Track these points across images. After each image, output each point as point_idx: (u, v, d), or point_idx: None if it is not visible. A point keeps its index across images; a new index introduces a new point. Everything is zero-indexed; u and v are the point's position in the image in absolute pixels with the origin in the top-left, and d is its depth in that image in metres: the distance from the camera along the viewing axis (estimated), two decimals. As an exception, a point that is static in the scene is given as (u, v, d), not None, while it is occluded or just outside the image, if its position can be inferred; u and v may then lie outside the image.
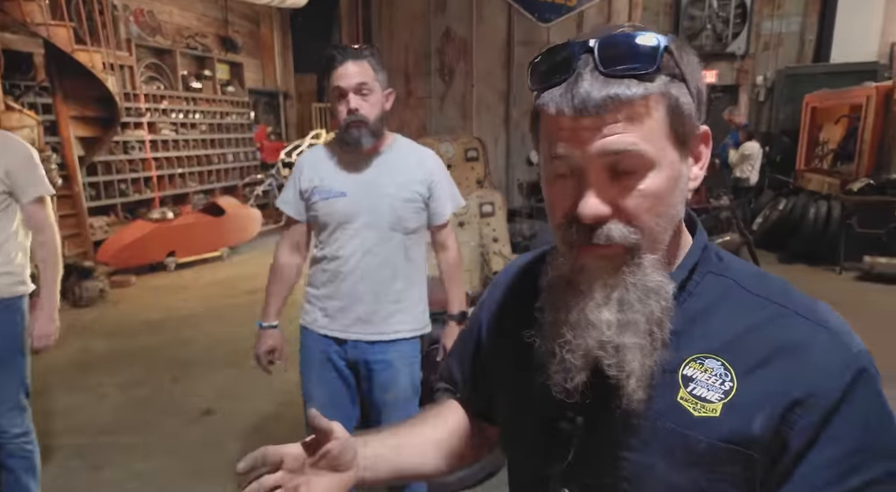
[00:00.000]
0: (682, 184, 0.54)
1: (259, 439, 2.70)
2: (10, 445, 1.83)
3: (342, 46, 1.58)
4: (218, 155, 8.27)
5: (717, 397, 0.53)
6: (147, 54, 7.43)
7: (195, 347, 3.85)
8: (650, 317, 0.53)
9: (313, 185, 1.64)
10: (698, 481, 0.53)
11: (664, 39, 0.50)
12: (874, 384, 0.52)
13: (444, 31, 3.40)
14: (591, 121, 0.50)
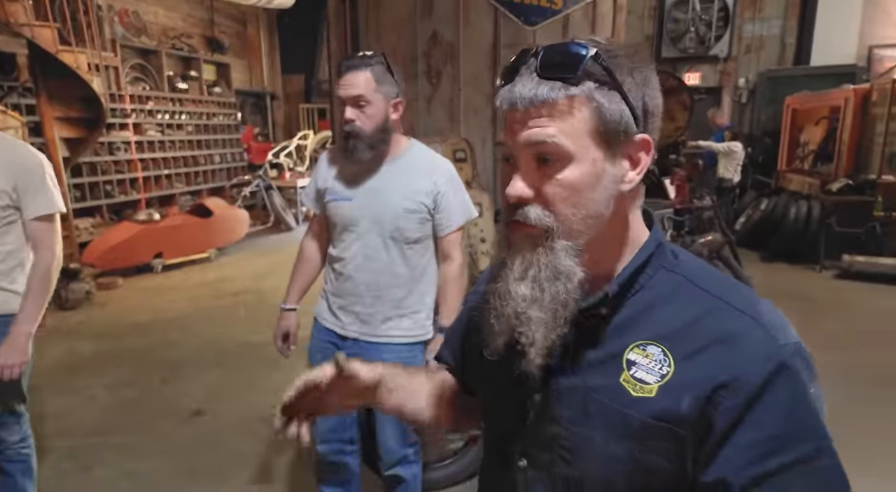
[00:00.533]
0: (605, 182, 0.60)
1: (249, 440, 2.73)
2: (8, 450, 1.85)
3: (351, 55, 1.59)
4: (205, 156, 8.22)
5: (654, 379, 0.59)
6: (132, 55, 7.37)
7: (184, 349, 3.84)
8: (555, 297, 0.59)
9: (327, 185, 1.70)
10: (632, 452, 0.59)
11: (591, 51, 0.57)
12: (797, 376, 0.56)
13: (430, 34, 3.43)
14: (521, 114, 0.58)
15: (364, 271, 1.67)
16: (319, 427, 1.87)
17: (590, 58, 0.57)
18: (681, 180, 4.46)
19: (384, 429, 1.81)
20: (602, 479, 0.62)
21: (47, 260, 1.74)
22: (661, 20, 9.22)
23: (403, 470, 1.85)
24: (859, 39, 8.53)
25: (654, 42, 9.37)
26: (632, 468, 0.60)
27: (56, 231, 1.78)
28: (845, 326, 4.12)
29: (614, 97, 0.58)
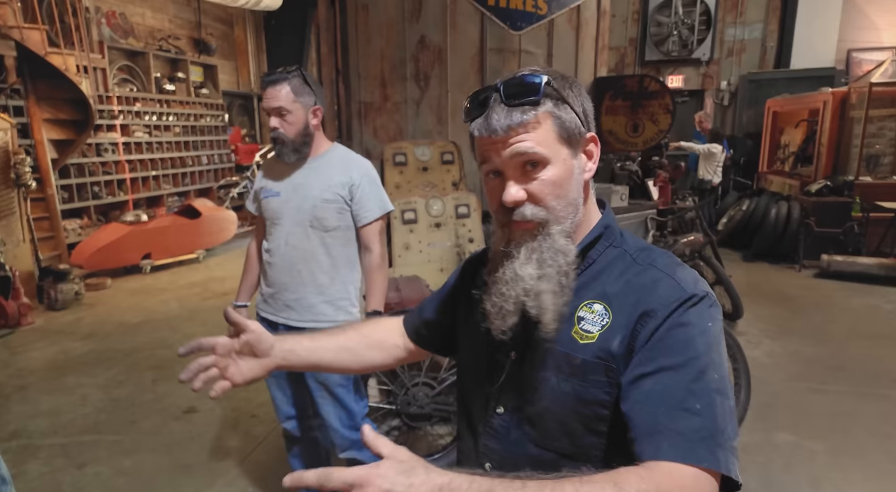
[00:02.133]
0: (575, 174, 0.76)
1: (241, 436, 2.77)
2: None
3: (271, 71, 1.78)
4: (192, 157, 8.20)
5: (596, 329, 0.75)
6: (120, 56, 7.35)
7: (174, 349, 3.83)
8: (559, 270, 0.74)
9: (261, 185, 1.90)
10: (576, 387, 0.74)
11: (545, 78, 0.73)
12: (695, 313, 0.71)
13: (419, 38, 3.50)
14: (503, 138, 0.73)
15: (288, 259, 1.84)
16: (280, 406, 1.98)
17: (544, 84, 0.73)
18: (663, 182, 4.56)
19: (329, 415, 1.91)
20: (556, 412, 0.76)
21: None
22: (645, 24, 9.36)
23: (360, 453, 1.95)
24: (838, 43, 8.72)
25: (637, 45, 9.52)
26: (578, 400, 0.74)
27: None
28: (824, 324, 4.25)
29: (566, 108, 0.75)
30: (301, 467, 2.04)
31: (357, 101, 3.37)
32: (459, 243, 3.00)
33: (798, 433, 2.69)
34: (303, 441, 2.05)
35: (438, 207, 2.94)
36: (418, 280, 2.66)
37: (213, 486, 2.41)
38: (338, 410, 1.89)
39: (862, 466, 2.47)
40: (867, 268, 5.40)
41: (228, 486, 2.42)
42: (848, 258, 5.53)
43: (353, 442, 1.91)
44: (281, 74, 1.74)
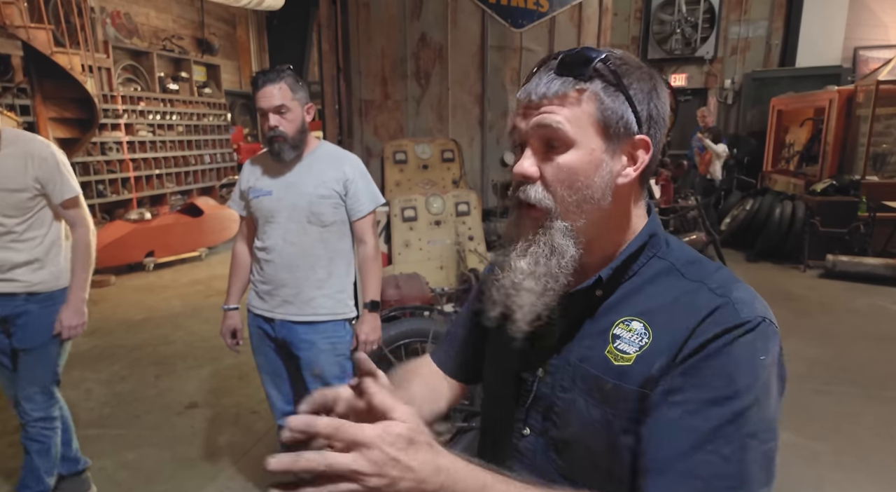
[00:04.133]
0: (602, 171, 0.66)
1: (243, 432, 2.80)
2: (30, 427, 1.96)
3: (265, 70, 1.78)
4: (195, 156, 8.26)
5: (633, 350, 0.65)
6: (124, 56, 7.40)
7: (176, 345, 3.89)
8: (549, 271, 0.66)
9: (249, 185, 1.89)
10: (606, 415, 0.65)
11: (602, 55, 0.65)
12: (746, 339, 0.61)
13: (419, 36, 3.50)
14: (535, 103, 0.66)
15: (286, 255, 1.85)
16: (275, 403, 2.02)
17: (599, 60, 0.64)
18: (666, 180, 4.55)
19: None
20: (587, 441, 0.67)
21: (84, 235, 1.96)
22: (647, 22, 9.34)
23: None
24: (845, 41, 8.67)
25: (640, 44, 9.49)
26: (608, 430, 0.65)
27: (85, 209, 1.98)
28: (828, 325, 4.23)
29: (618, 97, 0.65)
30: None
31: (358, 99, 3.37)
32: (459, 241, 3.00)
33: (801, 434, 2.68)
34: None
35: (438, 204, 2.95)
36: (418, 277, 2.67)
37: (216, 480, 2.43)
38: None
39: (865, 467, 2.46)
40: (873, 268, 5.37)
41: (229, 480, 2.44)
42: (853, 258, 5.50)
43: None
44: (275, 72, 1.75)
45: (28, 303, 1.91)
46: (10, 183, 1.81)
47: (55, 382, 1.99)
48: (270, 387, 2.01)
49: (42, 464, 2.00)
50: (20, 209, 1.85)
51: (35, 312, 1.92)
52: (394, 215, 2.86)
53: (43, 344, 1.93)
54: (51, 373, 1.98)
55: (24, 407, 1.95)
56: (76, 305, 1.93)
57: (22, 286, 1.89)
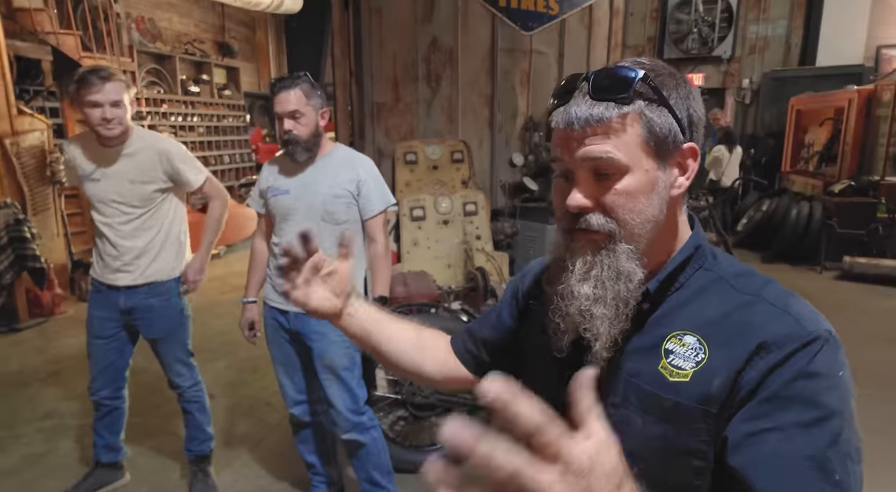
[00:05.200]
0: (658, 188, 0.65)
1: (257, 423, 2.90)
2: (186, 393, 2.31)
3: (283, 76, 1.89)
4: (215, 156, 8.45)
5: (689, 365, 0.63)
6: (148, 60, 7.61)
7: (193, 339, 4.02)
8: (617, 295, 0.64)
9: (268, 185, 1.99)
10: (667, 433, 0.63)
11: (640, 73, 0.62)
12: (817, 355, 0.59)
13: (430, 40, 3.58)
14: (577, 133, 0.64)
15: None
16: (288, 393, 2.08)
17: (639, 79, 0.62)
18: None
19: (334, 398, 2.01)
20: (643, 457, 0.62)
21: (219, 208, 2.30)
22: (664, 22, 9.28)
23: (361, 435, 2.04)
24: (867, 40, 8.51)
25: (656, 44, 9.44)
26: (668, 448, 0.63)
27: (217, 184, 2.29)
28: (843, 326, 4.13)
29: (662, 112, 0.64)
30: (308, 451, 2.16)
31: (370, 101, 3.46)
32: (467, 240, 3.07)
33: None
34: (309, 426, 2.15)
35: (447, 204, 3.02)
36: (426, 275, 2.75)
37: (230, 467, 2.54)
38: (343, 393, 1.99)
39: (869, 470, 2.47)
40: (891, 270, 5.30)
41: (244, 467, 2.55)
42: (871, 260, 5.43)
43: (356, 424, 2.01)
44: (291, 79, 1.85)
45: (149, 297, 2.14)
46: (142, 176, 2.07)
47: (190, 354, 2.32)
48: (284, 377, 2.10)
49: (203, 418, 2.36)
50: (146, 200, 2.09)
51: (157, 307, 2.18)
52: (403, 215, 2.94)
53: (172, 330, 2.23)
54: (185, 350, 2.29)
55: (176, 381, 2.29)
56: (201, 262, 2.24)
57: (141, 277, 2.13)
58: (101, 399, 2.29)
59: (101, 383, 2.27)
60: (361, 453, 2.05)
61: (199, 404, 2.36)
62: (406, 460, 2.41)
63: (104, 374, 2.26)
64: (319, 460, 2.19)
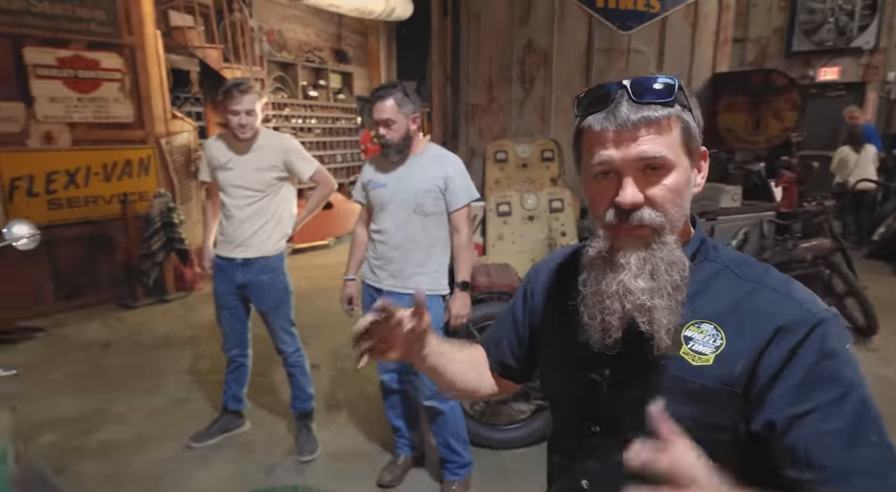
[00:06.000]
0: (690, 185, 0.74)
1: (353, 391, 3.24)
2: (290, 358, 2.70)
3: (379, 87, 2.18)
4: (328, 156, 9.17)
5: (710, 350, 0.70)
6: (275, 68, 8.47)
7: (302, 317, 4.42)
8: (673, 283, 0.70)
9: (368, 179, 2.27)
10: (695, 412, 0.69)
11: (678, 81, 0.71)
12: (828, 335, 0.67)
13: (526, 42, 3.71)
14: (630, 133, 0.69)
15: (395, 238, 2.21)
16: (383, 365, 2.37)
17: (678, 87, 0.70)
18: (788, 183, 4.28)
19: None
20: None
21: (322, 190, 2.73)
22: (793, 11, 8.55)
23: (440, 404, 2.26)
24: None
25: (784, 35, 8.72)
26: (696, 426, 0.66)
27: (325, 173, 2.69)
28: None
29: (690, 116, 0.72)
30: (395, 415, 2.42)
31: (465, 103, 3.67)
32: (552, 236, 3.18)
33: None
34: (397, 393, 2.41)
35: (533, 201, 3.15)
36: (508, 267, 2.91)
37: (329, 427, 2.90)
38: None
39: None
40: None
41: (341, 428, 2.91)
42: None
43: (436, 392, 2.23)
44: (386, 91, 2.13)
45: (260, 274, 2.57)
46: (265, 166, 2.49)
47: (293, 325, 2.71)
48: None
49: (304, 380, 2.73)
50: (266, 186, 2.51)
51: (266, 282, 2.58)
52: (489, 210, 3.12)
53: (278, 303, 2.62)
54: (289, 320, 2.68)
55: (281, 347, 2.68)
56: (296, 221, 2.70)
57: (256, 251, 2.53)
58: (233, 356, 2.74)
59: (232, 344, 2.73)
60: (440, 420, 2.27)
61: (301, 368, 2.73)
62: (482, 435, 2.60)
63: (232, 336, 2.71)
64: (404, 424, 2.45)
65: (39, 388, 3.34)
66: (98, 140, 4.80)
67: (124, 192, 4.92)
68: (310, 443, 2.68)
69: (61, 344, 4.08)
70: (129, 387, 3.39)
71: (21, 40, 4.29)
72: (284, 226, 2.63)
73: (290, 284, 2.68)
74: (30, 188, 4.47)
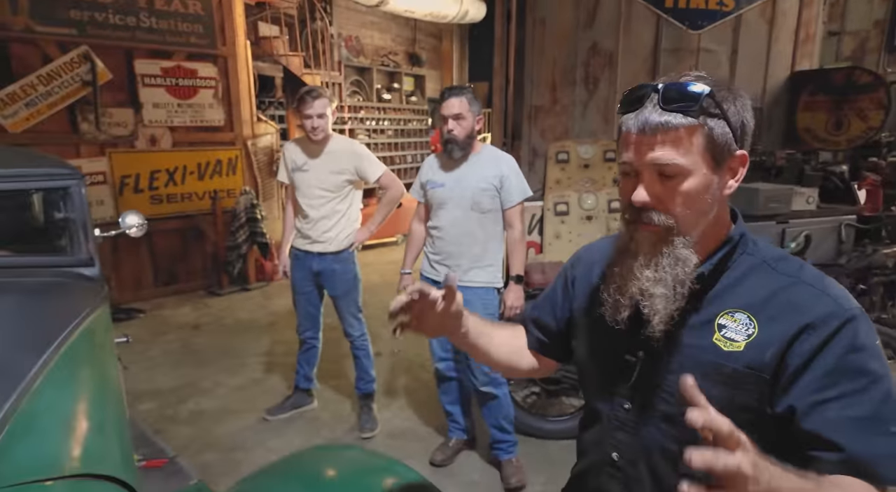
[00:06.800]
0: (712, 189, 0.76)
1: (411, 378, 3.43)
2: (356, 342, 2.94)
3: (450, 87, 2.31)
4: (399, 156, 9.50)
5: (741, 338, 0.75)
6: (352, 72, 8.89)
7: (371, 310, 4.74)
8: (675, 278, 0.76)
9: (427, 178, 2.41)
10: (728, 394, 0.75)
11: (707, 89, 0.72)
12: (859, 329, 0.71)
13: (590, 45, 3.74)
14: (647, 138, 0.73)
15: (452, 234, 2.34)
16: (435, 350, 2.48)
17: (705, 96, 0.71)
18: (872, 185, 4.01)
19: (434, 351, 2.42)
20: None
21: (392, 193, 2.91)
22: (898, 1, 7.88)
23: (495, 389, 2.38)
24: None
25: (885, 28, 8.06)
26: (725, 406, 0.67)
27: (392, 177, 2.90)
28: None
29: (721, 124, 0.73)
30: (448, 401, 2.57)
31: (528, 105, 3.76)
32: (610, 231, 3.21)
33: None
34: (450, 380, 2.56)
35: (591, 201, 3.20)
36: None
37: (388, 409, 3.12)
38: None
39: None
40: None
41: (399, 410, 3.12)
42: None
43: (492, 379, 2.36)
44: (459, 89, 2.29)
45: (334, 262, 2.83)
46: (338, 169, 2.71)
47: (360, 310, 2.93)
48: (433, 339, 2.54)
49: (367, 363, 2.96)
50: (338, 187, 2.75)
51: (339, 270, 2.82)
52: (547, 210, 3.20)
53: (348, 290, 2.86)
54: (356, 306, 2.92)
55: (350, 331, 2.92)
56: (368, 229, 2.91)
57: (329, 246, 2.79)
58: (306, 338, 3.01)
59: (306, 326, 2.99)
60: (493, 403, 2.40)
61: (366, 351, 2.95)
62: (532, 425, 2.70)
63: (306, 319, 2.97)
64: (457, 409, 2.59)
65: (140, 362, 3.79)
66: (193, 142, 5.31)
67: (214, 189, 5.42)
68: (370, 421, 2.89)
69: (158, 325, 4.58)
70: (215, 365, 3.76)
71: (132, 53, 4.84)
72: (353, 223, 2.87)
73: (359, 273, 2.91)
74: (136, 185, 5.04)
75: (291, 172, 2.82)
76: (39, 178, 1.58)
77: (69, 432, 0.89)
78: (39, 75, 4.37)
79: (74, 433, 0.90)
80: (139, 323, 4.61)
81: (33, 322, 1.18)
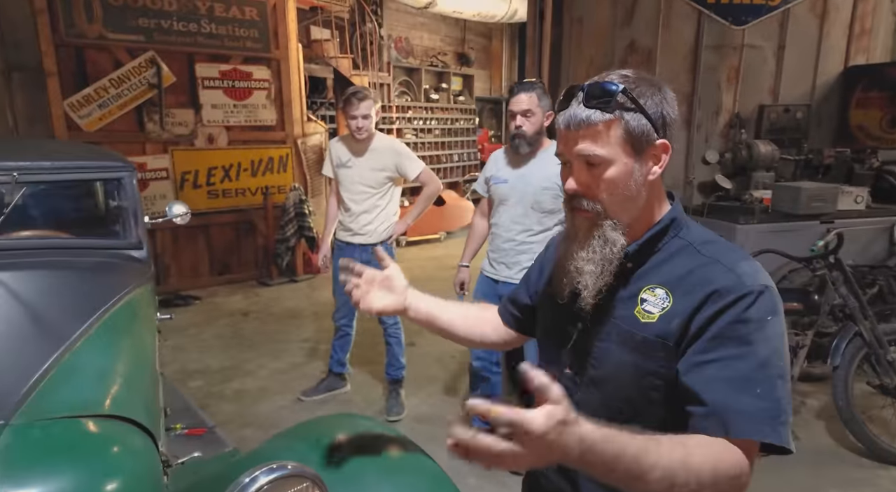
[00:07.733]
0: (635, 176, 0.82)
1: (441, 368, 3.53)
2: (389, 329, 3.10)
3: (520, 82, 2.30)
4: (446, 155, 9.63)
5: (657, 310, 0.83)
6: (400, 73, 9.10)
7: (409, 304, 4.92)
8: (604, 257, 0.84)
9: (491, 174, 2.42)
10: (636, 359, 0.84)
11: (621, 87, 0.79)
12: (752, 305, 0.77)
13: (628, 43, 3.71)
14: (573, 133, 0.83)
15: (511, 232, 2.35)
16: (475, 352, 2.53)
17: (619, 92, 0.79)
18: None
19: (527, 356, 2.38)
20: (618, 378, 0.86)
21: (429, 190, 3.05)
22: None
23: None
24: None
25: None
26: (637, 371, 0.83)
27: (431, 174, 3.01)
28: None
29: (638, 117, 0.80)
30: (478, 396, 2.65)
31: (563, 103, 3.79)
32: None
33: None
34: (484, 380, 2.63)
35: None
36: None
37: (416, 396, 3.26)
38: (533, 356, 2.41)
39: None
40: None
41: (427, 398, 3.25)
42: None
43: None
44: (529, 84, 2.28)
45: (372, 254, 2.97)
46: (379, 166, 2.86)
47: None
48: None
49: (398, 350, 3.11)
50: (379, 184, 2.90)
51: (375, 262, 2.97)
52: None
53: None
54: None
55: (384, 318, 3.03)
56: (405, 223, 3.07)
57: (370, 238, 2.94)
58: (341, 325, 3.18)
59: (343, 313, 3.17)
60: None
61: (398, 339, 3.09)
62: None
63: (344, 306, 3.14)
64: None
65: (193, 344, 4.10)
66: (248, 141, 5.64)
67: (266, 185, 5.73)
68: (398, 406, 3.02)
69: (211, 310, 4.91)
70: (260, 349, 4.01)
71: (194, 57, 5.20)
72: (391, 217, 3.02)
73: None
74: (195, 181, 5.40)
75: (336, 168, 2.98)
76: (97, 170, 1.80)
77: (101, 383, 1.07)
78: (111, 79, 4.79)
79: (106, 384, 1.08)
80: (195, 309, 4.95)
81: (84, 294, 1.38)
